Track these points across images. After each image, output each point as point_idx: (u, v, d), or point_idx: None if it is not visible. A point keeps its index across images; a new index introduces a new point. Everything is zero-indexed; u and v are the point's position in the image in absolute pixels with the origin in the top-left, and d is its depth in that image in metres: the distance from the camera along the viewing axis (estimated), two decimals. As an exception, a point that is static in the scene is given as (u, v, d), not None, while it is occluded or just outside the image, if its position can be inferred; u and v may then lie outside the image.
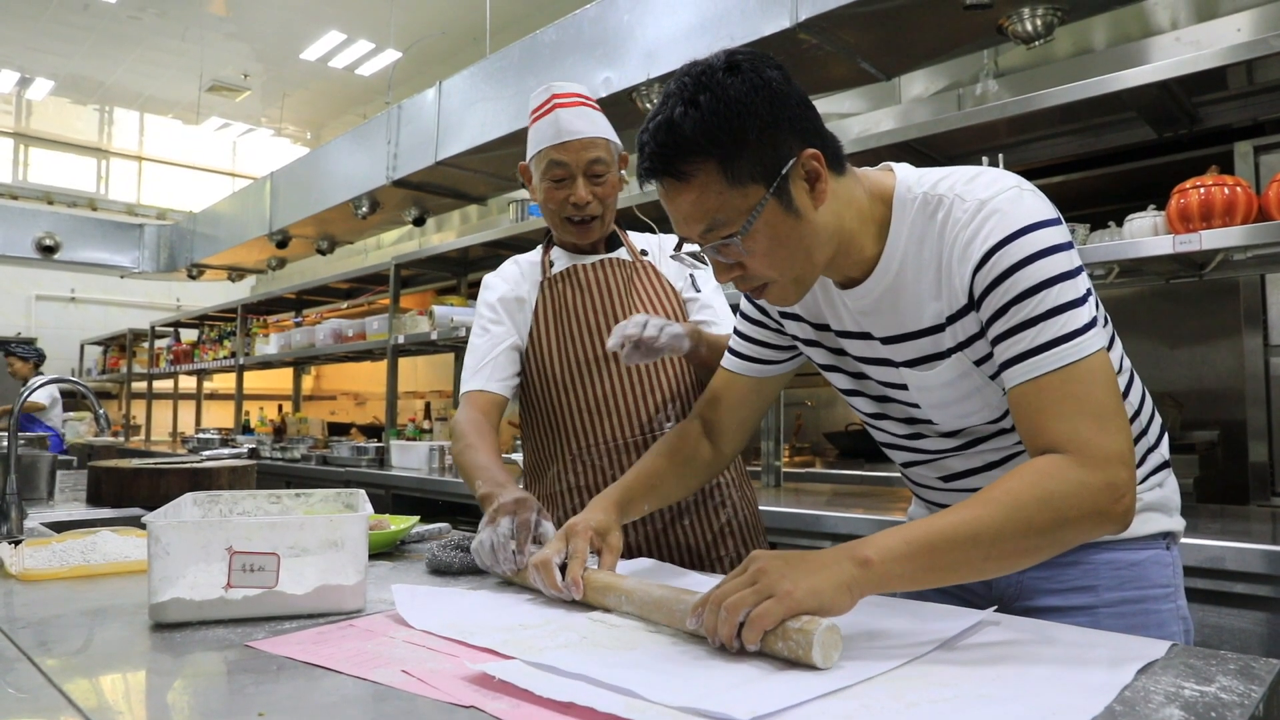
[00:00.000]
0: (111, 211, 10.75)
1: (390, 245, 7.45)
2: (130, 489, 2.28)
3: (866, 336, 1.12)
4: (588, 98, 1.62)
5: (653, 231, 1.81)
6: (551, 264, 1.70)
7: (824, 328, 1.18)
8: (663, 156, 0.96)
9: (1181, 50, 2.97)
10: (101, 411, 2.07)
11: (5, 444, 1.87)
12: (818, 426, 4.16)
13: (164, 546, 1.00)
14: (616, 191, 1.64)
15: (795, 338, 1.24)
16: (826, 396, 4.13)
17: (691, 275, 1.71)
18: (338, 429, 6.37)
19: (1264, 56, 2.06)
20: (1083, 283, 0.95)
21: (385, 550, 1.51)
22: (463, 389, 1.64)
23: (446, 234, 6.93)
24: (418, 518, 1.65)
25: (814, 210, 0.98)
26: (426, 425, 4.88)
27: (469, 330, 4.44)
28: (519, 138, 3.91)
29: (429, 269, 5.27)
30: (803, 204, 0.97)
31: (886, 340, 1.09)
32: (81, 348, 9.74)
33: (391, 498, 3.78)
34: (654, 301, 1.66)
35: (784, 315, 1.23)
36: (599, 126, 1.59)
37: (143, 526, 1.07)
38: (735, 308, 1.37)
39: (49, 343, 8.93)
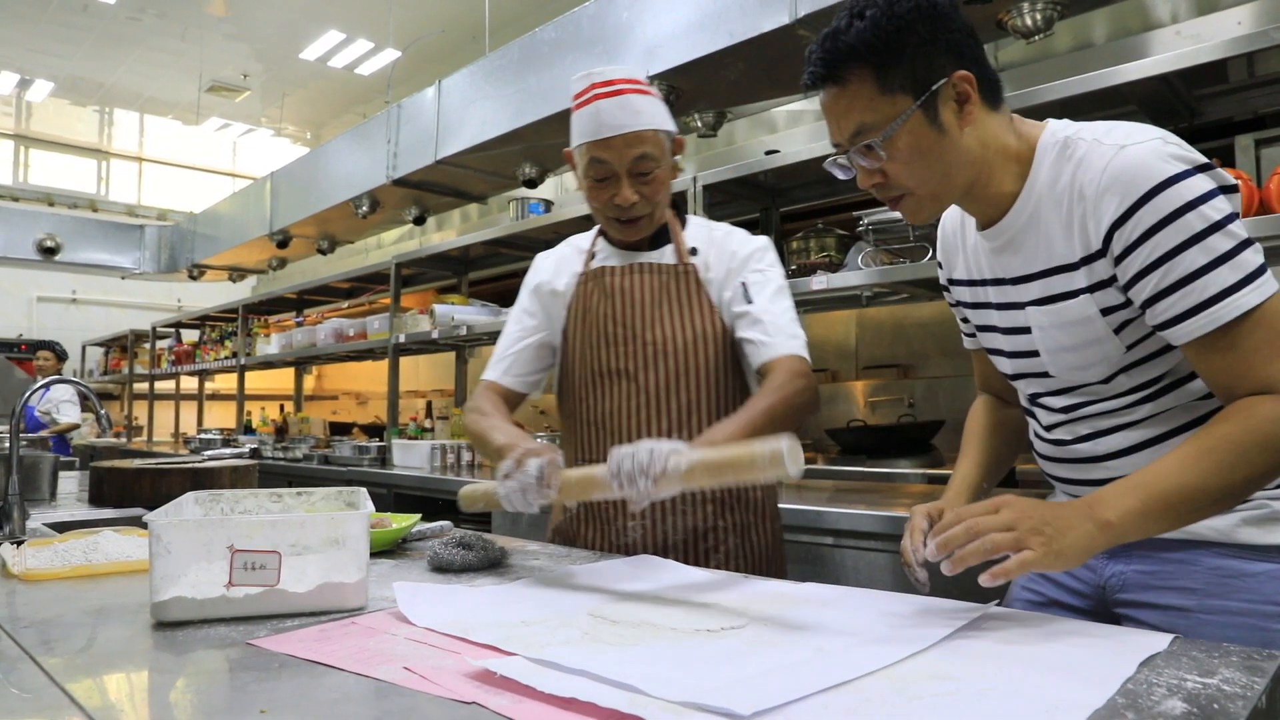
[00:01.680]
0: (112, 213, 10.74)
1: (391, 244, 7.44)
2: (132, 489, 2.28)
3: (999, 282, 1.15)
4: (635, 81, 1.44)
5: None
6: (594, 257, 1.61)
7: (972, 282, 1.21)
8: (825, 61, 1.03)
9: (1182, 43, 2.97)
10: (103, 412, 2.08)
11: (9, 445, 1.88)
12: (819, 423, 4.15)
13: (165, 545, 1.00)
14: (668, 185, 1.51)
15: (961, 303, 1.27)
16: (827, 393, 4.12)
17: (744, 284, 1.54)
18: (339, 428, 6.37)
19: (1264, 49, 2.05)
20: (1239, 230, 0.94)
21: (387, 548, 1.51)
22: (484, 375, 1.62)
23: (447, 233, 6.92)
24: (419, 516, 1.65)
25: (959, 131, 1.03)
26: (428, 424, 4.88)
27: (470, 329, 4.38)
28: (519, 136, 3.90)
29: (430, 268, 5.27)
30: (948, 121, 1.02)
31: (1016, 280, 1.12)
32: (83, 349, 9.73)
33: (393, 496, 3.78)
34: (682, 318, 1.53)
35: (954, 283, 1.27)
36: (645, 116, 1.43)
37: (144, 526, 1.07)
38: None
39: (51, 344, 8.96)
